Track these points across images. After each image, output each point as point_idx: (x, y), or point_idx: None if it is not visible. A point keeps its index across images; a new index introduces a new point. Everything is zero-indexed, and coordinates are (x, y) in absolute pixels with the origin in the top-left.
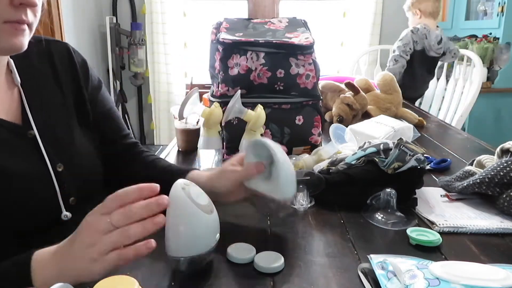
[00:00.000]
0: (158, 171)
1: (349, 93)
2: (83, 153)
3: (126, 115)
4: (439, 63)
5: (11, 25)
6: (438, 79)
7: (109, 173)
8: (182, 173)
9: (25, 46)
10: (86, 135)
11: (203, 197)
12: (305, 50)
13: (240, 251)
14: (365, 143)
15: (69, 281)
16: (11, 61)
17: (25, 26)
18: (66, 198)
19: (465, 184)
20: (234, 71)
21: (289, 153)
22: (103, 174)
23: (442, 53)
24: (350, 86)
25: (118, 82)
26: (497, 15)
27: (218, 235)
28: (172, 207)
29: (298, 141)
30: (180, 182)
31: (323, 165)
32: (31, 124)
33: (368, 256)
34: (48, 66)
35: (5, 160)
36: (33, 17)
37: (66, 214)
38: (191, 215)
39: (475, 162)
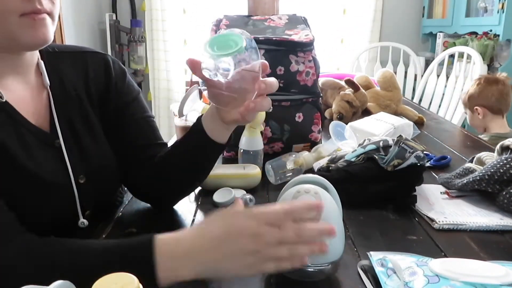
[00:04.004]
0: (178, 150)
1: (349, 90)
2: (105, 166)
3: None
4: (435, 63)
5: (29, 17)
6: (438, 76)
7: (133, 176)
8: (198, 128)
9: (50, 38)
10: (111, 145)
11: None
12: (305, 47)
13: None
14: (364, 140)
15: (203, 274)
16: (42, 63)
17: (45, 15)
18: (84, 210)
19: (465, 181)
20: None
21: (289, 150)
22: (124, 177)
23: None
24: (350, 83)
25: None
26: (498, 12)
27: None
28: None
29: (298, 138)
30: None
31: (322, 162)
32: (58, 133)
33: (368, 253)
34: (80, 74)
35: (31, 164)
36: (51, 5)
37: (83, 221)
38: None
39: (475, 159)
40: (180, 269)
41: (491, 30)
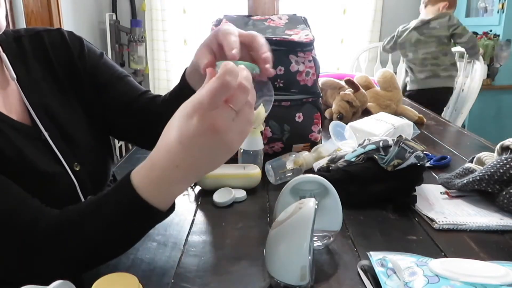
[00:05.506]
0: (168, 104)
1: (349, 90)
2: (94, 149)
3: None
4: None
5: None
6: None
7: (138, 133)
8: (183, 83)
9: (5, 23)
10: (94, 125)
11: None
12: (305, 47)
13: None
14: (364, 140)
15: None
16: (4, 55)
17: None
18: (85, 196)
19: (464, 181)
20: None
21: (289, 150)
22: (135, 140)
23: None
24: (350, 83)
25: None
26: (498, 12)
27: None
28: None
29: (297, 138)
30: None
31: (322, 162)
32: (38, 125)
33: (368, 253)
34: (43, 60)
35: (27, 161)
36: None
37: None
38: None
39: (475, 159)
40: (168, 190)
41: (491, 30)
